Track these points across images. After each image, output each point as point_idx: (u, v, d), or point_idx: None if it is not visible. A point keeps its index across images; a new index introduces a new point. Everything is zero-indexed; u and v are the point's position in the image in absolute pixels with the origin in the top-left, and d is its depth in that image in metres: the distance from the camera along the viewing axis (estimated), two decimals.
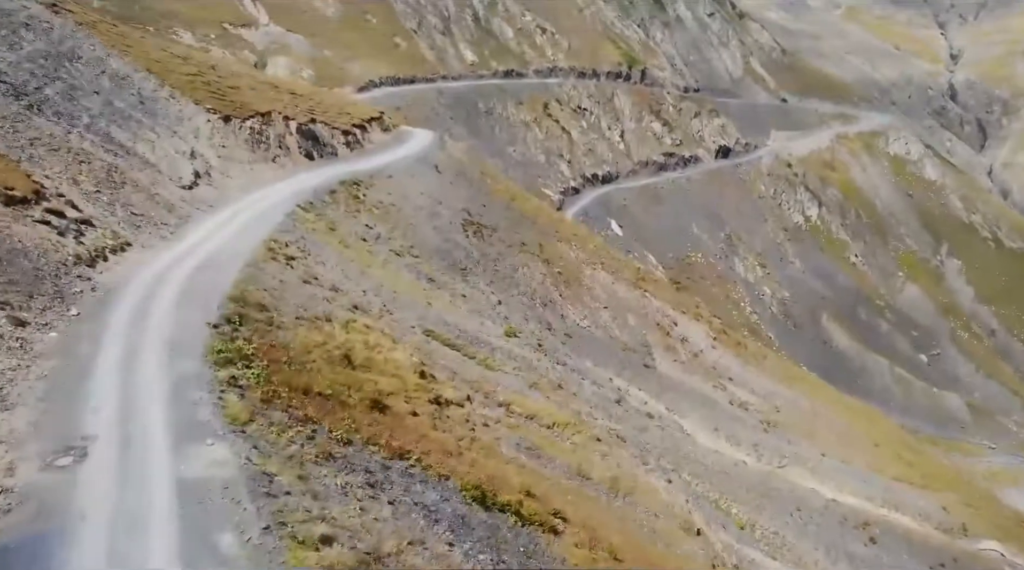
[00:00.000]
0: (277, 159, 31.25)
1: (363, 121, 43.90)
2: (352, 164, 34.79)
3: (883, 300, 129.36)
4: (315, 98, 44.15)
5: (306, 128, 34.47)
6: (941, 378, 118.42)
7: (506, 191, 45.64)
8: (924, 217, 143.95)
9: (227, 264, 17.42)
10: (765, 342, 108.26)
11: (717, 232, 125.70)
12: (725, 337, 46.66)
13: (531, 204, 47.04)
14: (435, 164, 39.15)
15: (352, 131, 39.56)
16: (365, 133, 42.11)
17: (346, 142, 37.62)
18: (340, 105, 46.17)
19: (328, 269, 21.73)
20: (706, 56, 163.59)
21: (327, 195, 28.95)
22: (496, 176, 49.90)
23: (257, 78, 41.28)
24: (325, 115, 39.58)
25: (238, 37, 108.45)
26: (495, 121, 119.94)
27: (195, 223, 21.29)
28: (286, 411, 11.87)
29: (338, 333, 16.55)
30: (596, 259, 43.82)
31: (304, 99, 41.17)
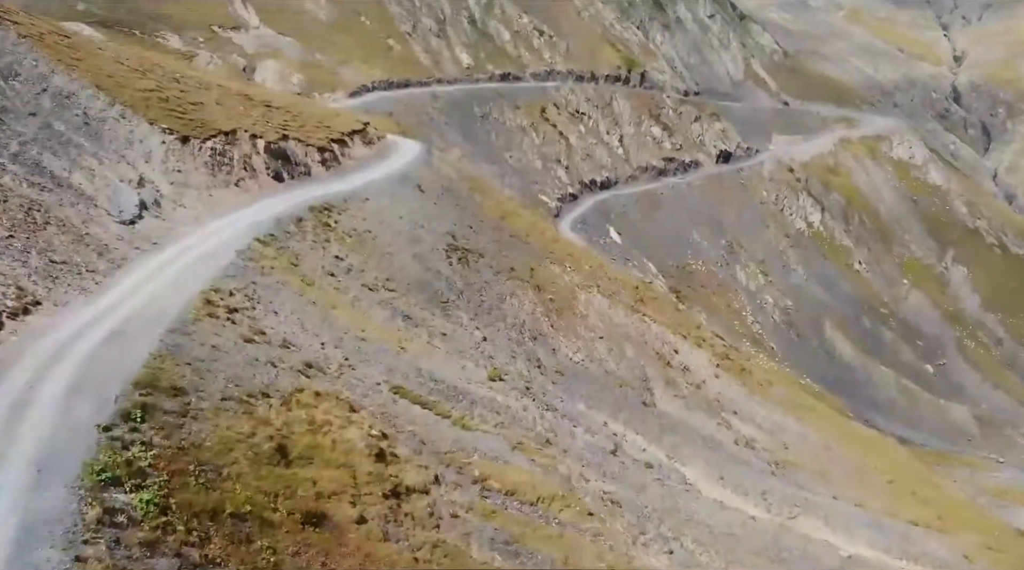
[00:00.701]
0: (241, 183, 28.60)
1: (343, 135, 41.24)
2: (326, 185, 32.15)
3: (887, 308, 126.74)
4: (293, 110, 41.50)
5: (276, 146, 31.80)
6: (947, 389, 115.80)
7: (496, 208, 43.00)
8: (928, 223, 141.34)
9: (147, 329, 14.75)
10: (768, 353, 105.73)
11: (718, 239, 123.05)
12: (728, 363, 44.01)
13: (523, 221, 44.39)
14: (418, 183, 36.48)
15: (329, 148, 36.90)
16: (345, 148, 39.46)
17: (322, 160, 34.99)
18: (320, 117, 43.52)
19: (281, 319, 19.09)
20: (707, 58, 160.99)
21: (293, 224, 26.30)
22: (487, 190, 47.26)
23: (229, 90, 38.64)
24: (300, 130, 36.92)
25: (227, 40, 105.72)
26: (491, 126, 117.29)
27: (129, 268, 18.63)
28: (178, 554, 9.27)
29: (275, 415, 13.90)
30: (591, 281, 41.18)
31: (279, 112, 38.53)
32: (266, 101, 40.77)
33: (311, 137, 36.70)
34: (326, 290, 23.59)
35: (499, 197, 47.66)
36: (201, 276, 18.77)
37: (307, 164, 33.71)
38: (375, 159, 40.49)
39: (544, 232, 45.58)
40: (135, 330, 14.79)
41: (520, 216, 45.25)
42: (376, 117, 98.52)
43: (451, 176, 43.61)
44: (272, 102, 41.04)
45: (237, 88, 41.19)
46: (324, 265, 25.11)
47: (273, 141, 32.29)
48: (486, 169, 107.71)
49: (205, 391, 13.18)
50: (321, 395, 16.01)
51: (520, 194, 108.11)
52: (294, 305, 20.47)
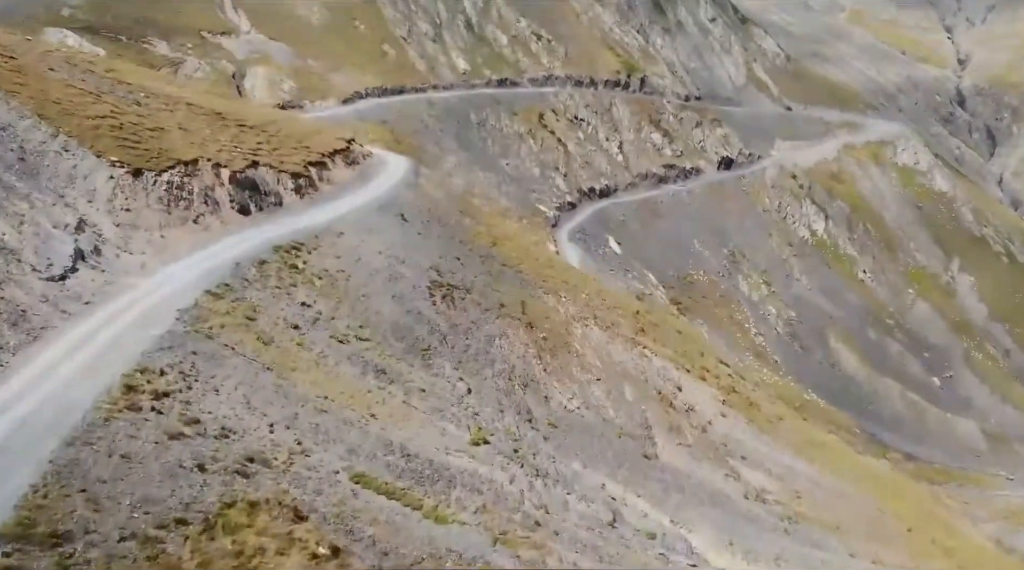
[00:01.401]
0: (200, 219, 25.92)
1: (323, 155, 38.57)
2: (298, 217, 29.49)
3: (893, 318, 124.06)
4: (269, 129, 38.84)
5: (243, 176, 29.11)
6: (954, 402, 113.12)
7: (487, 233, 40.32)
8: (934, 231, 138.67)
9: (38, 441, 11.93)
10: (771, 367, 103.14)
11: (720, 248, 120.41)
12: (735, 397, 41.34)
13: (516, 246, 41.71)
14: (401, 212, 33.80)
15: (305, 173, 34.20)
16: (324, 171, 36.79)
17: (296, 187, 32.30)
18: (300, 136, 40.86)
19: (223, 398, 16.40)
20: (708, 63, 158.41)
21: (254, 268, 23.61)
22: (478, 212, 44.59)
23: (199, 108, 36.01)
24: (274, 154, 34.25)
25: (217, 46, 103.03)
26: (488, 133, 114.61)
27: (47, 341, 15.96)
28: None
29: (190, 553, 11.20)
30: (588, 312, 38.53)
31: (252, 133, 35.86)
32: (240, 120, 38.10)
33: (285, 161, 34.00)
34: (286, 348, 20.90)
35: (491, 219, 44.99)
36: (129, 350, 16.09)
37: (279, 193, 31.02)
38: (357, 182, 37.82)
39: (538, 257, 42.87)
40: (21, 444, 11.98)
41: (513, 240, 42.56)
42: (369, 125, 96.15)
43: (439, 199, 40.96)
44: (246, 121, 38.38)
45: (210, 106, 38.51)
46: (287, 317, 22.42)
47: (240, 169, 29.57)
48: (482, 177, 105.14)
49: (99, 530, 10.52)
50: (258, 506, 13.32)
51: (517, 203, 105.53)
52: (243, 375, 17.77)
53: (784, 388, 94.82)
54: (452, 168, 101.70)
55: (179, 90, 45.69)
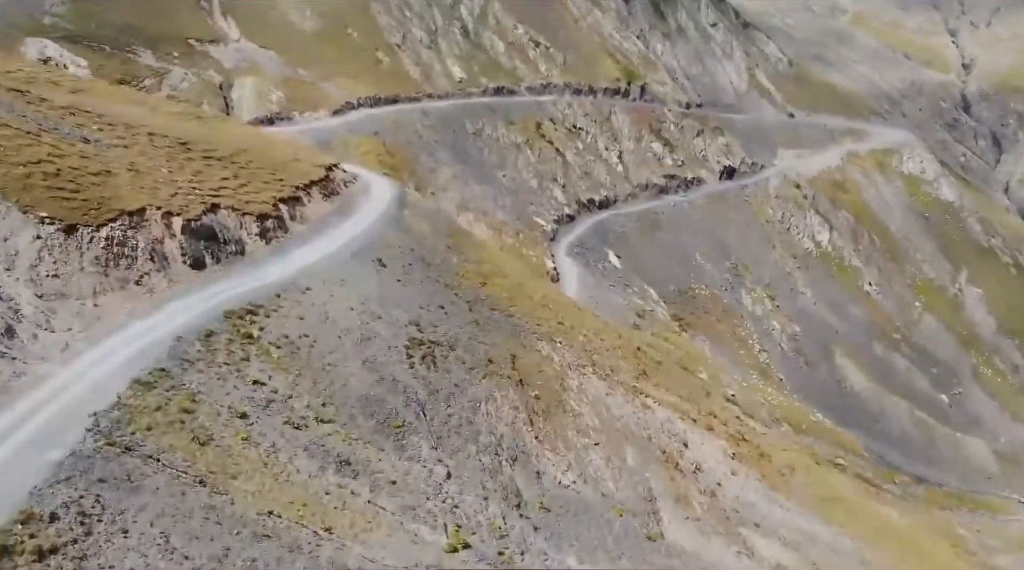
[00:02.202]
0: (144, 280, 22.82)
1: (298, 189, 35.46)
2: (260, 270, 26.37)
3: (899, 333, 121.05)
4: (240, 159, 35.75)
5: (199, 224, 26.04)
6: (964, 420, 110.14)
7: (476, 272, 37.23)
8: (941, 241, 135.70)
9: None
10: (776, 386, 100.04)
11: (722, 261, 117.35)
12: (745, 446, 38.26)
13: (509, 283, 38.60)
14: (379, 257, 30.71)
15: (274, 213, 31.08)
16: (297, 208, 33.66)
17: (261, 231, 29.17)
18: (274, 165, 37.74)
19: (133, 540, 13.32)
20: (709, 69, 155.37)
21: (199, 342, 20.53)
22: (468, 243, 41.50)
23: (161, 138, 32.91)
24: (240, 191, 31.11)
25: (204, 55, 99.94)
26: (484, 143, 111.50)
27: None
28: None
29: None
30: (586, 358, 35.45)
31: (219, 166, 32.78)
32: (208, 150, 34.99)
33: (252, 201, 30.87)
34: (229, 447, 17.80)
35: (481, 252, 41.90)
36: (12, 490, 13.04)
37: (241, 240, 27.88)
38: (333, 219, 34.71)
39: (532, 294, 39.76)
40: None
41: (505, 276, 39.44)
42: (360, 138, 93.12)
43: (424, 233, 37.86)
44: (215, 151, 35.28)
45: (176, 134, 35.45)
46: (234, 403, 19.31)
47: (196, 216, 26.44)
48: (478, 190, 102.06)
49: None
50: None
51: (514, 217, 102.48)
52: (165, 501, 14.67)
53: (790, 409, 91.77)
54: (446, 182, 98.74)
55: (149, 112, 42.65)
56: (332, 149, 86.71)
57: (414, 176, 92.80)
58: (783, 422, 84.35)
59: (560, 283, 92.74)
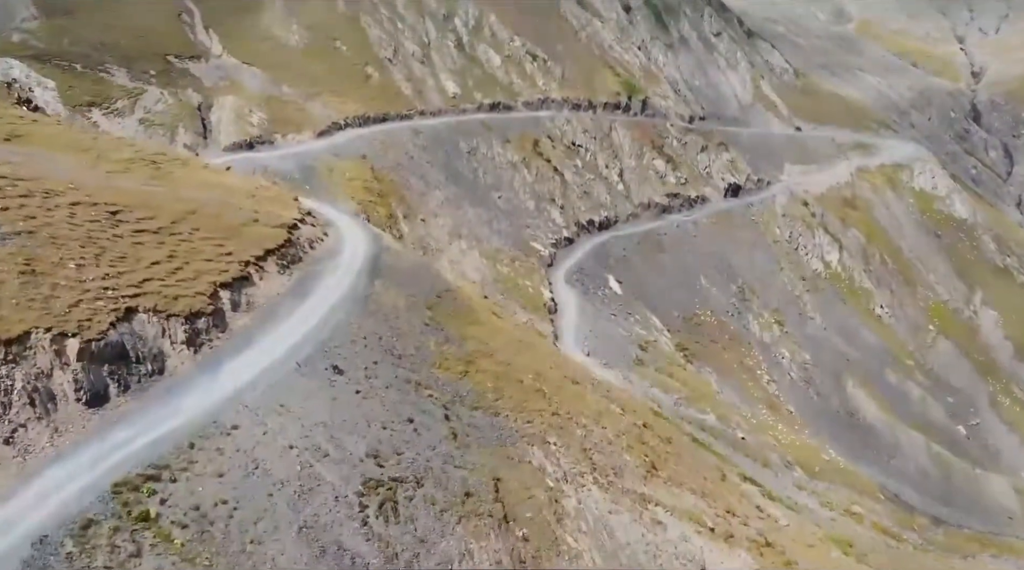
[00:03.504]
0: (16, 437, 17.69)
1: (247, 264, 30.27)
2: (179, 399, 21.35)
3: (913, 359, 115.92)
4: (183, 228, 30.61)
5: (104, 343, 20.98)
6: (983, 454, 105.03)
7: (458, 355, 32.11)
8: (955, 261, 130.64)
9: None
10: (786, 420, 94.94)
11: (728, 285, 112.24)
12: (770, 553, 33.19)
13: (496, 365, 33.46)
14: (335, 362, 25.62)
15: (209, 307, 26.00)
16: (244, 291, 28.51)
17: (190, 336, 24.06)
18: (226, 229, 32.59)
19: None
20: (712, 80, 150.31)
21: (72, 540, 15.49)
22: (449, 316, 36.32)
23: (88, 207, 27.86)
24: (171, 281, 25.93)
25: (184, 72, 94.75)
26: (479, 163, 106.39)
27: None
28: None
29: None
30: (586, 461, 30.37)
31: (151, 244, 27.61)
32: (144, 216, 29.91)
33: (185, 293, 25.67)
34: None
35: (466, 321, 36.77)
36: None
37: (162, 353, 22.75)
38: (287, 302, 29.55)
39: (523, 374, 34.61)
40: None
41: (492, 354, 34.33)
42: (345, 163, 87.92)
43: (398, 310, 32.72)
44: (154, 217, 30.21)
45: (110, 197, 30.46)
46: None
47: (101, 332, 21.36)
48: (472, 214, 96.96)
49: None
50: None
51: (510, 242, 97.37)
52: None
53: (802, 448, 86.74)
54: (438, 206, 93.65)
55: (89, 165, 37.80)
56: (315, 176, 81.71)
57: (403, 202, 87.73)
58: (795, 465, 79.42)
59: (558, 314, 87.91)
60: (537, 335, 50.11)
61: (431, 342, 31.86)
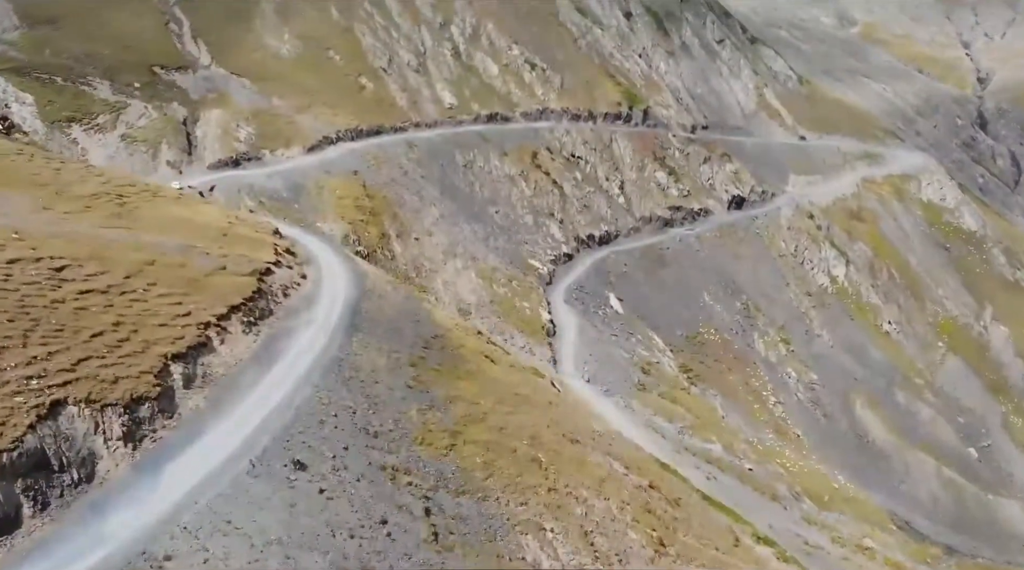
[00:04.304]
0: None
1: (208, 325, 27.13)
2: (105, 520, 18.12)
3: (922, 377, 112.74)
4: (136, 284, 27.34)
5: (16, 455, 17.73)
6: (995, 477, 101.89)
7: (443, 425, 28.87)
8: (964, 275, 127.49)
9: None
10: (793, 444, 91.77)
11: (732, 301, 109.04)
12: None
13: (487, 431, 30.22)
14: (297, 456, 22.42)
15: (153, 390, 22.80)
16: (200, 360, 25.28)
17: (129, 429, 20.76)
18: (187, 284, 29.33)
19: None
20: (715, 88, 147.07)
21: None
22: (435, 373, 33.10)
23: (28, 266, 24.74)
24: (111, 359, 22.77)
25: (170, 85, 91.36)
26: (475, 176, 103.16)
27: None
28: None
29: None
30: (586, 548, 27.19)
31: (92, 314, 24.42)
32: (92, 277, 26.76)
33: (127, 374, 22.37)
34: None
35: (455, 375, 33.54)
36: None
37: (92, 455, 19.48)
38: (250, 372, 26.26)
39: (517, 441, 31.33)
40: None
41: (484, 417, 31.10)
42: (336, 181, 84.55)
43: (378, 371, 29.49)
44: (103, 276, 27.05)
45: (55, 252, 27.32)
46: None
47: (17, 438, 18.12)
48: (468, 231, 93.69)
49: None
50: None
51: (507, 259, 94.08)
52: None
53: (811, 476, 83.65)
54: (433, 223, 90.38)
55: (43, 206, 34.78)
56: (304, 195, 78.47)
57: (396, 221, 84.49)
58: (804, 496, 76.34)
59: (557, 336, 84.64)
60: (534, 374, 46.82)
61: (413, 410, 28.64)
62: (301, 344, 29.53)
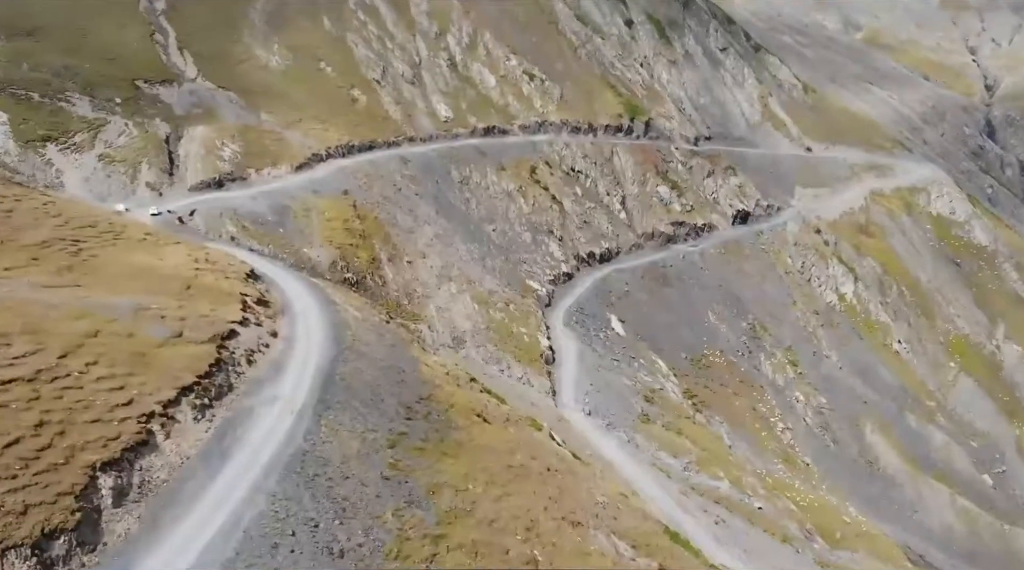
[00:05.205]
0: None
1: (151, 415, 23.38)
2: None
3: (934, 399, 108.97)
4: (71, 364, 23.82)
5: None
6: (1010, 506, 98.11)
7: (425, 527, 25.17)
8: (975, 291, 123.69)
9: None
10: (802, 473, 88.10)
11: (738, 321, 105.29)
12: None
13: (476, 526, 26.50)
14: None
15: (71, 522, 19.15)
16: (137, 464, 21.66)
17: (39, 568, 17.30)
18: (132, 361, 25.79)
19: None
20: (719, 98, 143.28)
21: None
22: (423, 441, 29.46)
23: None
24: (22, 481, 19.20)
25: (153, 99, 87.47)
26: (471, 193, 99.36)
27: None
28: None
29: None
30: None
31: (18, 404, 20.80)
32: (17, 362, 23.18)
33: (39, 501, 18.75)
34: None
35: (446, 439, 29.87)
36: None
37: None
38: (198, 476, 22.53)
39: (513, 535, 27.60)
40: None
41: (472, 507, 27.36)
42: (325, 201, 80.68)
43: (348, 459, 25.80)
44: (32, 357, 23.52)
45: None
46: None
47: None
48: (463, 251, 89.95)
49: None
50: None
51: (504, 281, 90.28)
52: None
53: (821, 510, 79.73)
54: (427, 244, 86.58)
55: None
56: (290, 218, 74.57)
57: (388, 243, 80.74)
58: (816, 534, 72.57)
59: (556, 364, 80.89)
60: (532, 426, 43.05)
61: (388, 512, 24.92)
62: (261, 432, 25.79)
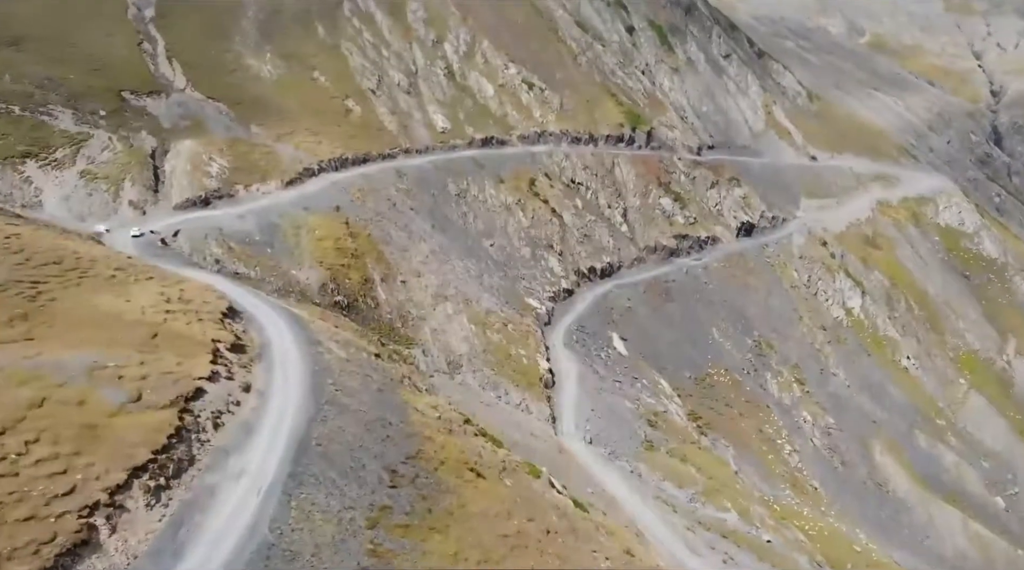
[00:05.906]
0: None
1: (95, 507, 20.53)
2: None
3: (944, 417, 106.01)
4: (9, 444, 21.18)
5: None
6: (1023, 529, 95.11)
7: None
8: (985, 305, 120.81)
9: None
10: (811, 499, 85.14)
11: (743, 338, 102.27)
12: None
13: None
14: None
15: None
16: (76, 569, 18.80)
17: None
18: (78, 437, 23.27)
19: None
20: (722, 106, 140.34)
21: None
22: (407, 516, 26.57)
23: None
24: None
25: (140, 112, 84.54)
26: (468, 206, 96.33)
27: None
28: None
29: None
30: None
31: None
32: None
33: None
34: None
35: (434, 510, 26.97)
36: None
37: None
38: None
39: None
40: None
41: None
42: (316, 218, 77.63)
43: (320, 550, 22.86)
44: None
45: None
46: None
47: None
48: (460, 268, 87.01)
49: None
50: None
51: (502, 299, 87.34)
52: None
53: (831, 539, 76.69)
54: (422, 261, 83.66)
55: None
56: (279, 237, 71.53)
57: (381, 261, 77.79)
58: (826, 567, 69.60)
59: (556, 387, 77.93)
60: (531, 473, 40.07)
61: None
62: (222, 518, 22.76)
